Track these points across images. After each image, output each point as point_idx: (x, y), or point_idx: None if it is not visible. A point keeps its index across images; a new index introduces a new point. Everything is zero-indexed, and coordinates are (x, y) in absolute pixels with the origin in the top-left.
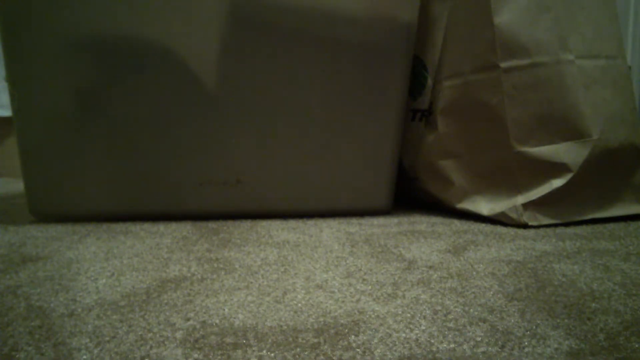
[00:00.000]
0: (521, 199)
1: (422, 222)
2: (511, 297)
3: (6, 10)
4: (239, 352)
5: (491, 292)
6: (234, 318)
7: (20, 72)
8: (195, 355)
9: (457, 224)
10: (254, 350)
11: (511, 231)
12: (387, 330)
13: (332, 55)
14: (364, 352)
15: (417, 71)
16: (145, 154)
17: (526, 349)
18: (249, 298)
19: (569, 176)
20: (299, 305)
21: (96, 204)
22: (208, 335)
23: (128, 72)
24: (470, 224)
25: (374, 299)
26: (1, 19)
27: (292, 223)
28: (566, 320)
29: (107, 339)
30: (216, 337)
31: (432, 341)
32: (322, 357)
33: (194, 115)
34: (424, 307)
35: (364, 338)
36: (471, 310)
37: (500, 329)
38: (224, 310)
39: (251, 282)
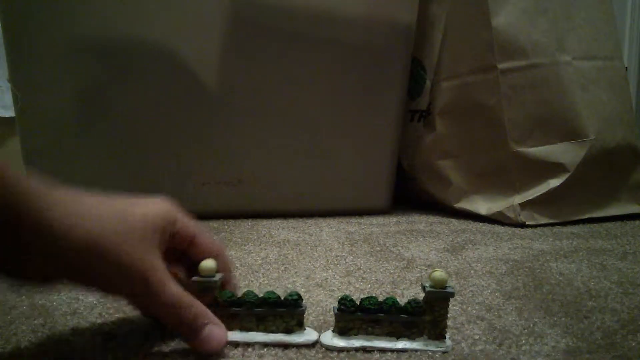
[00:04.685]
0: (518, 199)
1: (421, 222)
2: (509, 296)
3: (9, 12)
4: (239, 350)
5: (489, 291)
6: None
7: (23, 73)
8: (195, 354)
9: (455, 223)
10: (254, 348)
11: (509, 230)
12: None
13: (332, 56)
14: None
15: (415, 72)
16: (147, 155)
17: (524, 347)
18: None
19: (565, 176)
20: None
21: None
22: None
23: (130, 73)
24: (468, 223)
25: None
26: (4, 21)
27: (292, 222)
28: (563, 319)
29: (110, 337)
30: None
31: None
32: (320, 355)
33: (196, 116)
34: None
35: None
36: (469, 308)
37: (498, 327)
38: None
39: (252, 281)
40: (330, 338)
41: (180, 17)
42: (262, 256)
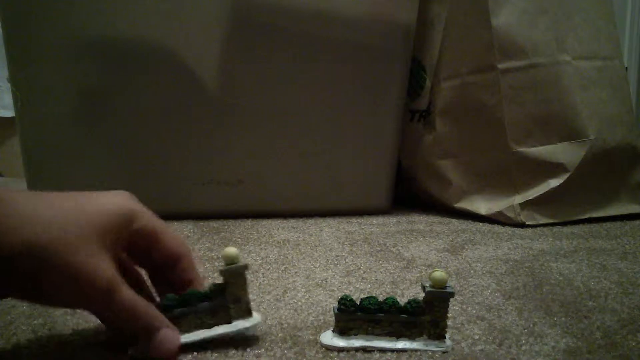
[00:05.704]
0: (519, 199)
1: (421, 222)
2: (509, 296)
3: (9, 11)
4: (238, 350)
5: (489, 291)
6: None
7: (23, 73)
8: (195, 354)
9: (455, 223)
10: (252, 349)
11: (509, 230)
12: None
13: (332, 57)
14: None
15: (415, 72)
16: (147, 154)
17: (524, 347)
18: (250, 296)
19: (565, 176)
20: (299, 303)
21: None
22: None
23: (131, 73)
24: (468, 223)
25: None
26: (4, 21)
27: (292, 222)
28: (563, 319)
29: (109, 337)
30: None
31: None
32: (321, 355)
33: (196, 116)
34: None
35: None
36: (469, 308)
37: (498, 327)
38: None
39: (252, 281)
40: (330, 338)
41: (180, 17)
42: (262, 256)
